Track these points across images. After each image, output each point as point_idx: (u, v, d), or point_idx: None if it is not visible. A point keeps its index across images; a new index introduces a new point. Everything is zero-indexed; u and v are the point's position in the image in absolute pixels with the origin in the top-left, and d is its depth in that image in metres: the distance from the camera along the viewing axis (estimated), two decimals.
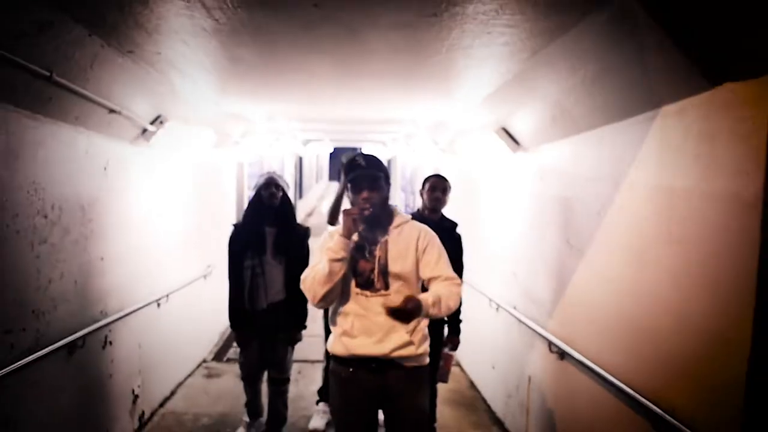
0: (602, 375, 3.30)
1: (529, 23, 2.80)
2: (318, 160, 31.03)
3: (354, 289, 2.97)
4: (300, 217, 5.91)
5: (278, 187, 4.40)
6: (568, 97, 3.58)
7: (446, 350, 4.53)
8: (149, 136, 4.89)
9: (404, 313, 2.63)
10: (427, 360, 3.08)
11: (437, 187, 4.40)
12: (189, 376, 6.58)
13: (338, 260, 2.85)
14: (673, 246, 2.74)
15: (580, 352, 3.65)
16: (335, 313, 3.07)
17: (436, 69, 3.85)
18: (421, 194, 4.52)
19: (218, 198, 8.20)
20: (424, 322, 3.02)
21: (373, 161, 3.06)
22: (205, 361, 7.23)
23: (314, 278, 2.90)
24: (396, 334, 2.91)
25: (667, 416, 2.66)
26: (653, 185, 2.90)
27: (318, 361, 6.14)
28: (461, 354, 6.40)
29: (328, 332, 4.84)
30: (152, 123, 4.85)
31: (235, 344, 7.94)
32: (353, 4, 2.69)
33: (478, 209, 6.34)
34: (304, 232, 4.52)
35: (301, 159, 20.29)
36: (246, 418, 4.91)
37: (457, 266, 4.19)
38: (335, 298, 2.99)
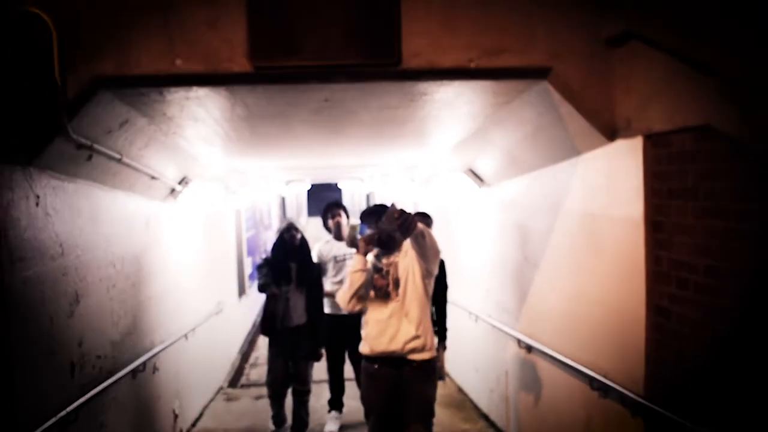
0: (557, 357, 4.31)
1: (480, 100, 3.88)
2: (297, 198, 31.96)
3: (373, 300, 3.98)
4: None
5: (297, 229, 5.40)
6: (516, 146, 4.65)
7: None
8: (176, 194, 5.85)
9: (408, 217, 3.55)
10: (434, 356, 4.06)
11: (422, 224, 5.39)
12: (211, 400, 7.46)
13: (356, 272, 3.89)
14: (596, 256, 3.79)
15: (542, 343, 4.66)
16: (363, 324, 4.09)
17: (412, 130, 4.92)
18: None
19: (223, 242, 9.16)
20: (429, 324, 4.01)
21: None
22: (222, 387, 8.10)
23: (343, 289, 3.92)
24: (404, 330, 3.90)
25: (599, 377, 3.68)
26: (580, 212, 3.96)
27: (323, 381, 6.99)
28: (449, 363, 7.35)
29: (329, 356, 5.82)
30: (179, 183, 5.82)
31: (246, 372, 8.89)
32: (354, 96, 3.74)
33: (453, 235, 7.36)
34: (318, 268, 5.52)
35: (283, 199, 21.23)
36: (272, 427, 5.80)
37: (442, 286, 5.19)
38: (361, 306, 3.98)
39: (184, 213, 6.57)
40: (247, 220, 11.39)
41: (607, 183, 3.61)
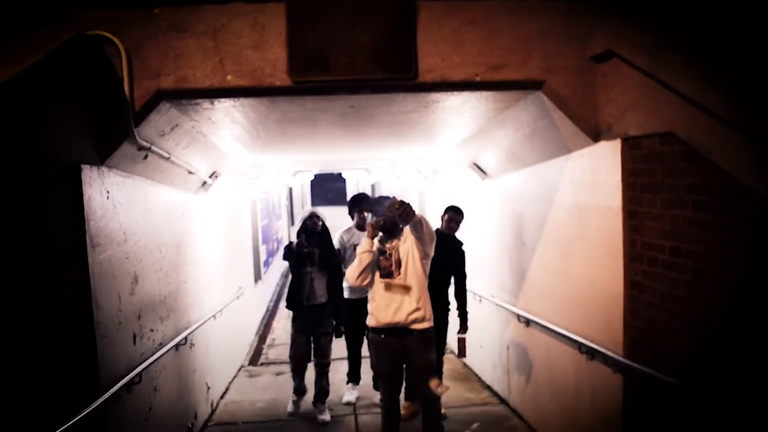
0: (551, 328, 4.93)
1: (483, 106, 4.48)
2: (302, 188, 32.55)
3: (379, 280, 4.59)
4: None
5: (318, 217, 5.99)
6: (516, 144, 5.24)
7: (459, 335, 6.07)
8: (207, 187, 6.46)
9: (407, 207, 4.19)
10: (432, 325, 4.67)
11: (452, 219, 5.94)
12: (235, 377, 8.09)
13: (364, 252, 4.52)
14: (584, 240, 4.39)
15: (538, 317, 5.27)
16: (370, 300, 4.70)
17: (423, 130, 5.52)
18: (442, 219, 6.04)
19: (242, 230, 9.77)
20: (427, 298, 4.62)
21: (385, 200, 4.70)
22: (243, 366, 8.73)
23: (352, 267, 4.54)
24: (406, 304, 4.52)
25: (586, 342, 4.30)
26: (570, 202, 4.56)
27: (340, 359, 7.55)
28: (454, 341, 7.97)
29: (347, 335, 6.41)
30: (210, 177, 6.42)
31: (264, 352, 9.52)
32: (375, 103, 4.34)
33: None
34: (337, 252, 6.11)
35: (291, 189, 21.82)
36: (294, 397, 6.43)
37: (461, 272, 5.83)
38: (368, 281, 4.60)
39: (212, 204, 7.17)
40: (261, 210, 12.00)
41: (592, 178, 4.20)
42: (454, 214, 5.95)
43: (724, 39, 3.09)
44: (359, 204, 6.27)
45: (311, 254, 5.93)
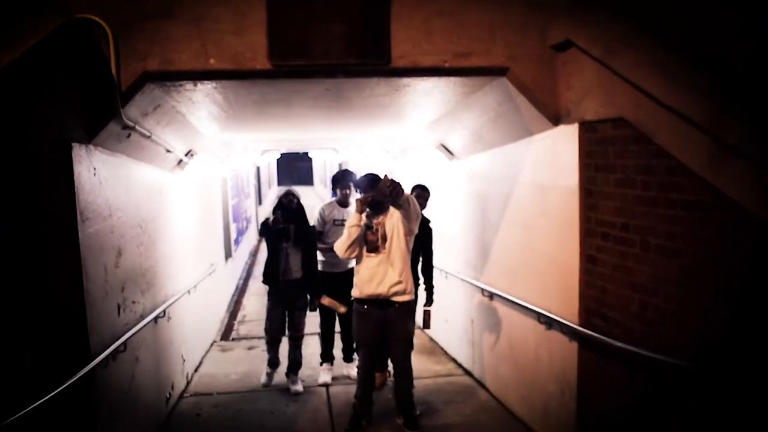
0: (513, 301, 5.26)
1: (451, 91, 4.75)
2: (269, 167, 32.59)
3: (365, 253, 4.87)
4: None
5: (294, 195, 6.22)
6: (482, 127, 5.53)
7: (425, 307, 6.37)
8: (183, 165, 6.63)
9: (397, 186, 4.49)
10: (412, 299, 4.97)
11: (420, 196, 6.19)
12: (208, 351, 8.30)
13: (353, 226, 4.80)
14: (544, 218, 4.71)
15: (501, 290, 5.60)
16: (355, 273, 4.97)
17: (394, 112, 5.77)
18: None
19: (213, 208, 9.94)
20: (409, 273, 4.90)
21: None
22: (215, 341, 8.94)
23: (341, 240, 4.81)
24: (389, 277, 4.80)
25: (545, 312, 4.64)
26: (531, 182, 4.88)
27: (314, 333, 7.77)
28: (420, 317, 8.29)
29: (321, 311, 6.61)
30: (186, 155, 6.59)
31: (235, 328, 9.73)
32: (349, 86, 4.58)
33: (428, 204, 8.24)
34: (312, 229, 6.34)
35: (258, 168, 21.91)
36: (268, 369, 6.68)
37: (428, 248, 6.11)
38: (355, 253, 4.86)
39: (187, 182, 7.34)
40: (231, 188, 12.15)
41: (552, 159, 4.52)
42: (421, 191, 6.23)
43: (671, 30, 3.41)
44: (341, 181, 6.49)
45: (287, 230, 6.16)
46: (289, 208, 6.23)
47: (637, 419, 3.65)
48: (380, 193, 4.59)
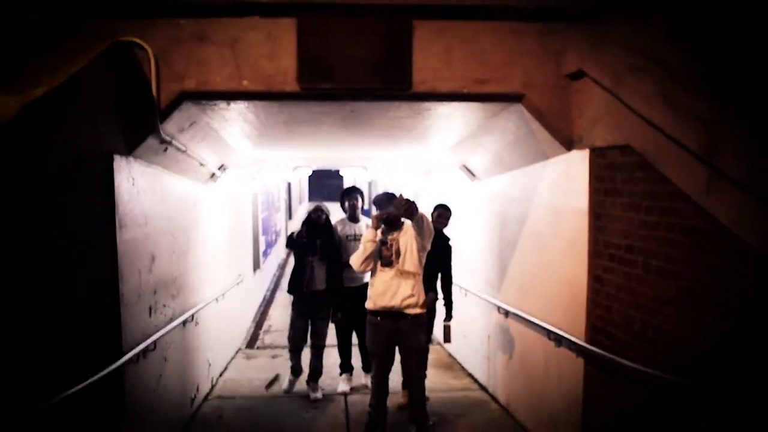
0: (527, 318, 5.43)
1: (471, 115, 4.99)
2: (300, 183, 33.05)
3: (379, 267, 5.10)
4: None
5: (323, 211, 6.48)
6: (501, 150, 5.75)
7: (445, 322, 6.54)
8: (216, 178, 6.95)
9: (412, 205, 4.72)
10: (424, 312, 5.18)
11: (441, 215, 6.43)
12: (233, 358, 8.58)
13: (369, 241, 5.04)
14: (557, 239, 4.90)
15: (516, 308, 5.78)
16: (370, 286, 5.20)
17: (417, 134, 6.03)
18: (431, 215, 6.50)
19: (244, 221, 10.27)
20: (421, 288, 5.12)
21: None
22: (240, 348, 9.23)
23: (357, 254, 5.06)
24: (402, 290, 5.03)
25: (555, 329, 4.81)
26: (546, 204, 5.07)
27: (333, 345, 7.98)
28: (438, 333, 8.48)
29: (337, 326, 6.83)
30: (218, 169, 6.91)
31: (261, 337, 10.00)
32: (374, 108, 4.84)
33: (450, 223, 8.45)
34: (339, 244, 6.58)
35: (289, 184, 22.31)
36: (291, 377, 6.92)
37: (448, 264, 6.31)
38: (370, 267, 5.10)
39: (218, 195, 7.67)
40: (261, 203, 12.49)
41: (566, 182, 4.71)
42: (443, 211, 6.44)
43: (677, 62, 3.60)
44: (347, 195, 6.74)
45: (312, 244, 6.42)
46: (317, 223, 6.50)
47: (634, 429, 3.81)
48: (394, 210, 4.84)
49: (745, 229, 2.87)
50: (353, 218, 6.74)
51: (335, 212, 6.76)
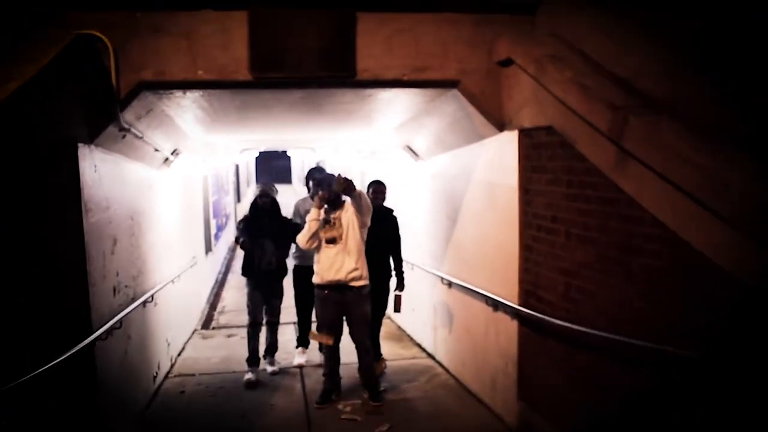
0: (467, 287, 5.90)
1: (411, 100, 5.39)
2: (248, 165, 32.97)
3: (324, 244, 5.48)
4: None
5: (268, 195, 6.73)
6: (441, 131, 6.17)
7: (396, 292, 6.93)
8: (169, 163, 7.18)
9: (350, 183, 5.12)
10: (368, 284, 5.59)
11: (377, 191, 6.78)
12: (190, 338, 8.85)
13: (313, 220, 5.44)
14: (492, 212, 5.35)
15: (457, 278, 6.23)
16: (316, 262, 5.57)
17: (361, 117, 6.40)
18: (368, 192, 6.87)
19: (195, 204, 10.48)
20: (364, 261, 5.52)
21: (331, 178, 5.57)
22: (196, 329, 9.48)
23: (302, 233, 5.44)
24: (346, 265, 5.42)
25: (493, 296, 5.28)
26: (483, 180, 5.52)
27: (290, 323, 8.27)
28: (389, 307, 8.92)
29: (298, 305, 7.17)
30: (172, 154, 7.14)
31: (215, 318, 10.26)
32: (321, 95, 5.20)
33: (395, 201, 8.86)
34: (288, 221, 6.87)
35: (237, 166, 22.37)
36: (249, 375, 6.86)
37: (396, 237, 6.69)
38: (315, 244, 5.50)
39: (172, 179, 7.88)
40: (212, 185, 12.68)
41: (499, 160, 5.16)
42: (377, 186, 6.81)
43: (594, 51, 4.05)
44: (311, 175, 7.04)
45: (261, 226, 6.68)
46: (263, 207, 6.76)
47: (562, 379, 4.30)
48: (335, 189, 5.22)
49: (645, 199, 3.35)
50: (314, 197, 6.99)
51: (282, 193, 7.03)
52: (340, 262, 5.50)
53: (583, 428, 4.15)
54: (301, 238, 5.54)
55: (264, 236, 6.75)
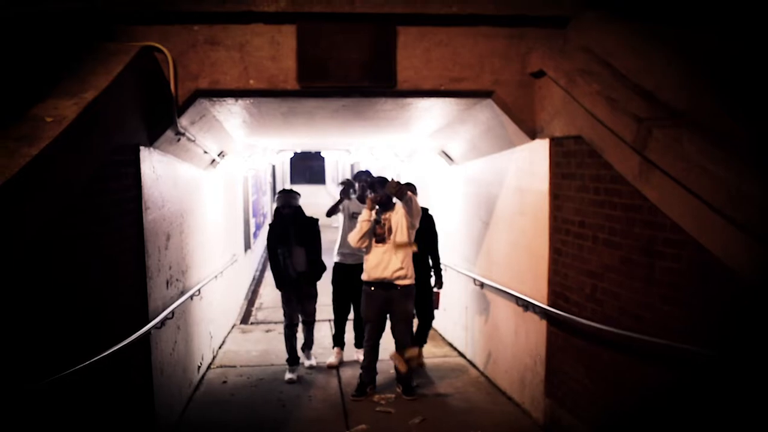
0: (498, 287, 6.15)
1: (448, 108, 5.67)
2: (283, 166, 33.50)
3: (374, 243, 5.80)
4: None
5: (290, 206, 6.87)
6: (475, 138, 6.43)
7: (435, 289, 7.21)
8: (215, 164, 7.56)
9: (402, 187, 5.45)
10: (412, 283, 5.88)
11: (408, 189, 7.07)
12: (229, 332, 9.23)
13: (365, 221, 5.75)
14: (523, 216, 5.61)
15: (489, 279, 6.49)
16: (365, 260, 5.92)
17: (400, 123, 6.71)
18: None
19: (236, 203, 10.89)
20: (410, 261, 5.82)
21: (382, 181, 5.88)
22: (235, 324, 9.87)
23: (354, 233, 5.77)
24: (393, 264, 5.72)
25: (523, 296, 5.53)
26: (514, 186, 5.77)
27: (326, 320, 8.54)
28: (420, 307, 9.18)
29: (335, 303, 7.40)
30: (218, 156, 7.52)
31: (253, 314, 10.62)
32: (362, 103, 5.50)
33: (429, 202, 9.13)
34: (315, 222, 7.13)
35: (274, 167, 22.85)
36: (289, 375, 7.07)
37: (433, 235, 6.94)
38: (366, 243, 5.82)
39: (217, 180, 8.28)
40: (251, 186, 13.09)
41: (530, 167, 5.41)
42: (408, 186, 7.02)
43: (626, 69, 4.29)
44: (359, 177, 7.29)
45: (286, 233, 6.89)
46: (286, 216, 6.93)
47: (587, 376, 4.54)
48: (387, 193, 5.53)
49: (667, 206, 3.58)
50: (361, 198, 7.19)
51: (316, 194, 7.30)
52: (386, 261, 5.82)
53: (606, 423, 4.39)
54: (353, 238, 5.86)
55: (292, 243, 6.97)
